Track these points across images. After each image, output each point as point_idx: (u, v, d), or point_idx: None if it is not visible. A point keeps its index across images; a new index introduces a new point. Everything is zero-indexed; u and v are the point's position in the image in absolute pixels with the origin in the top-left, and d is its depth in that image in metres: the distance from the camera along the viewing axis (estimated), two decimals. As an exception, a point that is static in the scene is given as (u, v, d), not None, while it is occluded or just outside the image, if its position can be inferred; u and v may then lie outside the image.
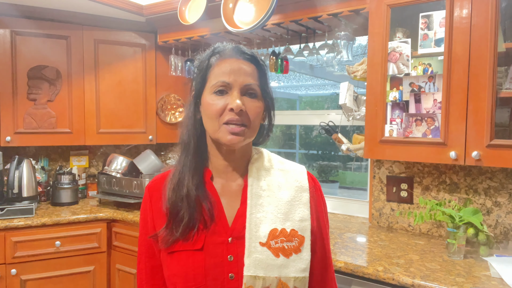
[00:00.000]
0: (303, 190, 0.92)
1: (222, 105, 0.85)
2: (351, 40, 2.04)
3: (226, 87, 0.86)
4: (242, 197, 0.91)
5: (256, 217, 0.87)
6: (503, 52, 1.52)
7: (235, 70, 0.86)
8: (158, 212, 0.92)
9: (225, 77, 0.86)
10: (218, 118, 0.85)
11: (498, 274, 1.41)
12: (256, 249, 0.84)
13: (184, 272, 0.85)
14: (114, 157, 2.66)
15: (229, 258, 0.85)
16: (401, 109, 1.71)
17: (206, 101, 0.87)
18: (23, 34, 2.43)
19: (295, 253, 0.85)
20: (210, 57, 0.90)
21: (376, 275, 1.47)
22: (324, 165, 7.34)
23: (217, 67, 0.88)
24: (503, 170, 1.78)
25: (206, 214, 0.88)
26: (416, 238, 1.92)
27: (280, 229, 0.86)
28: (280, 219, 0.87)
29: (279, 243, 0.85)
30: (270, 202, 0.89)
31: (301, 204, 0.90)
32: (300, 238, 0.87)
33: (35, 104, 2.48)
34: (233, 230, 0.87)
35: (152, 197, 0.94)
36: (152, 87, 2.80)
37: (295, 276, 0.84)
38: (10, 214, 2.22)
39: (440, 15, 1.59)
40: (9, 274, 2.13)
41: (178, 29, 2.54)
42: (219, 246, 0.86)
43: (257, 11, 2.02)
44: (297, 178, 0.94)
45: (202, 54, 0.95)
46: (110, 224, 2.40)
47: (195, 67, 0.94)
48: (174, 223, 0.87)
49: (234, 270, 0.85)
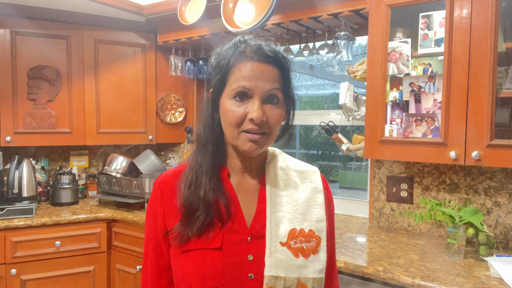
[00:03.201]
0: (318, 191, 0.93)
1: (242, 113, 0.81)
2: (351, 40, 2.04)
3: (247, 92, 0.82)
4: (259, 195, 0.90)
5: (276, 216, 0.86)
6: (503, 52, 1.52)
7: (257, 74, 0.81)
8: (170, 209, 0.89)
9: (245, 82, 0.81)
10: (237, 126, 0.82)
11: (498, 274, 1.41)
12: (277, 249, 0.83)
13: (202, 272, 0.82)
14: (114, 157, 2.66)
15: (249, 257, 0.84)
16: (401, 109, 1.71)
17: (225, 105, 0.83)
18: (23, 34, 2.43)
19: (313, 254, 0.85)
20: (231, 56, 0.84)
21: (376, 275, 1.47)
22: (324, 165, 7.33)
23: (237, 70, 0.82)
24: (503, 170, 1.78)
25: (223, 212, 0.85)
26: (416, 238, 1.92)
27: (299, 229, 0.86)
28: (298, 219, 0.87)
29: (299, 243, 0.85)
30: (288, 201, 0.88)
31: (317, 205, 0.91)
32: (317, 238, 0.87)
33: (35, 104, 2.48)
34: (252, 229, 0.86)
35: (163, 194, 0.90)
36: (152, 87, 2.80)
37: (313, 277, 0.84)
38: (10, 214, 2.22)
39: (440, 15, 1.59)
40: (9, 274, 2.13)
41: (178, 29, 2.54)
42: (238, 245, 0.84)
43: (257, 11, 2.02)
44: (312, 179, 0.94)
45: (221, 48, 0.89)
46: (110, 224, 2.40)
47: (214, 61, 0.88)
48: (190, 221, 0.84)
49: (253, 270, 0.83)
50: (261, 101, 0.82)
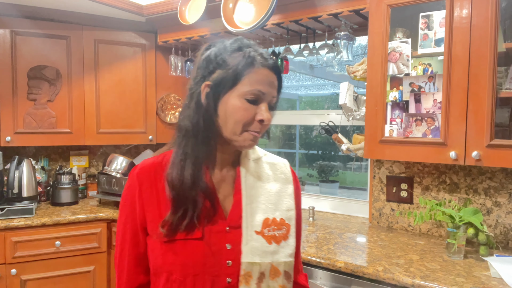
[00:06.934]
0: (288, 182, 1.00)
1: (253, 113, 0.87)
2: (351, 40, 2.04)
3: (261, 96, 0.88)
4: (235, 187, 0.95)
5: (251, 207, 0.93)
6: (503, 52, 1.52)
7: (271, 82, 0.89)
8: (150, 200, 0.92)
9: (262, 87, 0.87)
10: (244, 124, 0.87)
11: (498, 274, 1.41)
12: (252, 237, 0.90)
13: (183, 261, 0.87)
14: (114, 157, 2.66)
15: (227, 246, 0.90)
16: (401, 109, 1.71)
17: (235, 103, 0.86)
18: (23, 34, 2.43)
19: (284, 240, 0.93)
20: (247, 58, 0.87)
21: (376, 275, 1.47)
22: (324, 165, 7.33)
23: (255, 73, 0.87)
24: (503, 170, 1.78)
25: (206, 205, 0.90)
26: (416, 238, 1.92)
27: (271, 218, 0.93)
28: (271, 209, 0.94)
29: (271, 231, 0.92)
30: (262, 193, 0.95)
31: (287, 195, 0.98)
32: (287, 226, 0.95)
33: (35, 104, 2.48)
34: (230, 220, 0.92)
35: (142, 185, 0.93)
36: (152, 87, 2.80)
37: (284, 261, 0.92)
38: (10, 214, 2.22)
39: (440, 15, 1.59)
40: (9, 274, 2.14)
41: (178, 29, 2.54)
42: (217, 235, 0.90)
43: (257, 11, 2.02)
44: (282, 170, 1.02)
45: (223, 45, 0.91)
46: (110, 224, 2.40)
47: (216, 57, 0.89)
48: (178, 215, 0.87)
49: (231, 257, 0.89)
50: (268, 105, 0.89)
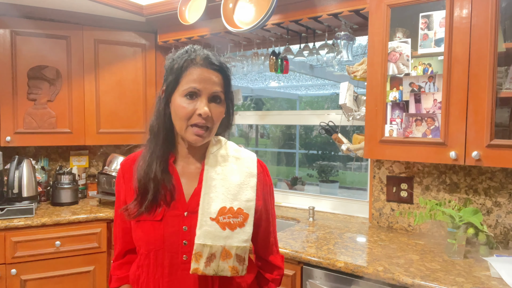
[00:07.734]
0: (251, 176, 1.10)
1: (192, 109, 1.00)
2: (351, 40, 2.04)
3: (196, 92, 1.00)
4: (199, 178, 1.08)
5: (209, 197, 1.04)
6: (503, 52, 1.52)
7: (205, 79, 1.01)
8: (128, 188, 1.10)
9: (195, 84, 1.00)
10: (186, 120, 1.01)
11: (498, 274, 1.41)
12: (206, 222, 1.01)
13: (147, 238, 1.05)
14: (114, 157, 2.66)
15: (184, 228, 1.04)
16: (401, 109, 1.71)
17: (177, 102, 1.01)
18: (23, 34, 2.43)
19: (239, 227, 1.04)
20: (184, 61, 1.02)
21: (376, 275, 1.47)
22: (324, 165, 7.33)
23: (189, 73, 1.01)
24: (503, 170, 1.78)
25: (167, 192, 1.05)
26: (416, 238, 1.92)
27: (228, 207, 1.04)
28: (229, 199, 1.04)
29: (227, 219, 1.03)
30: (223, 184, 1.06)
31: (249, 187, 1.08)
32: (245, 215, 1.05)
33: (35, 104, 2.48)
34: (189, 206, 1.06)
35: (124, 175, 1.12)
36: (152, 87, 2.80)
37: (237, 245, 1.02)
38: (10, 214, 2.22)
39: (440, 15, 1.59)
40: (9, 274, 2.14)
41: (178, 29, 2.54)
42: (176, 218, 1.05)
43: (257, 11, 2.02)
44: (248, 165, 1.11)
45: (174, 54, 1.07)
46: (110, 224, 2.39)
47: (168, 65, 1.06)
48: (142, 200, 1.04)
49: (187, 238, 1.04)
50: (207, 100, 1.01)
